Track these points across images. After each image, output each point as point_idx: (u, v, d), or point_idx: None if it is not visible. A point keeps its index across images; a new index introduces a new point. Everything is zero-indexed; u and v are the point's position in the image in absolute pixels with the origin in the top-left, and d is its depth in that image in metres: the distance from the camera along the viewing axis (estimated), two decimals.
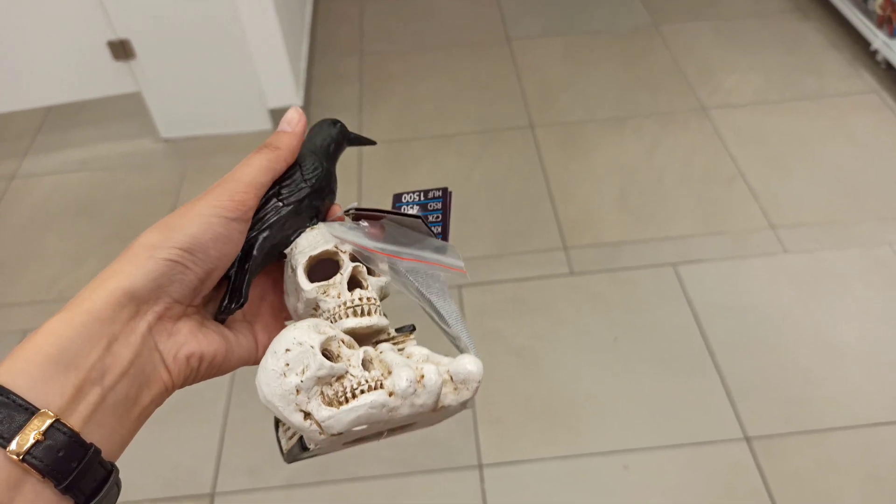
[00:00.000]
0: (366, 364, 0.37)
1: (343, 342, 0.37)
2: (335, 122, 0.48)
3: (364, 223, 0.44)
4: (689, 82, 2.04)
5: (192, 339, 0.36)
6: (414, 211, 0.47)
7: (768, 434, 1.26)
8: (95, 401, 0.32)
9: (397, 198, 0.48)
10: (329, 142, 0.46)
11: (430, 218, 0.47)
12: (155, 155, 1.95)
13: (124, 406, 0.33)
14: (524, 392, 1.35)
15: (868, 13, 2.04)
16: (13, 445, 0.29)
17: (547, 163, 1.81)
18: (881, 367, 1.34)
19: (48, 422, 0.30)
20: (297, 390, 0.34)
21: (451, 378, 0.37)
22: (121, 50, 1.80)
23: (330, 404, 0.34)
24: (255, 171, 0.39)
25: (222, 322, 0.40)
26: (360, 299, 0.40)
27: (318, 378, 0.34)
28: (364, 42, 2.31)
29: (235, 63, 1.83)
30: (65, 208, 1.81)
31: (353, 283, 0.41)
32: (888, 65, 1.99)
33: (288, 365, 0.34)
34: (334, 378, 0.35)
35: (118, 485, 0.33)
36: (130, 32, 1.77)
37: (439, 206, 0.47)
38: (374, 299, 0.40)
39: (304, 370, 0.34)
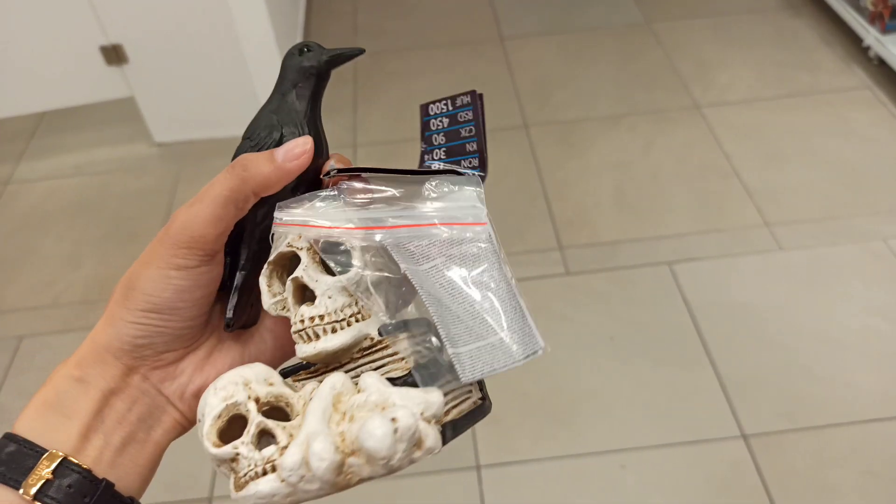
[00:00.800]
0: (264, 436, 0.31)
1: (258, 400, 0.31)
2: (301, 48, 0.37)
3: (348, 184, 0.35)
4: (683, 79, 2.05)
5: (197, 375, 0.35)
6: (445, 124, 0.38)
7: (765, 432, 1.26)
8: (101, 445, 0.32)
9: (424, 110, 0.39)
10: (295, 79, 0.36)
11: (463, 133, 0.38)
12: (149, 159, 1.94)
13: (135, 448, 0.34)
14: (521, 391, 1.35)
15: (860, 9, 2.04)
16: (26, 487, 0.30)
17: (542, 162, 1.81)
18: (878, 362, 1.35)
19: (57, 461, 0.31)
20: (218, 464, 0.31)
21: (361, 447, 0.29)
22: (113, 55, 1.79)
23: (236, 487, 0.30)
24: (213, 208, 0.33)
25: (252, 325, 0.37)
26: (302, 321, 0.33)
27: (216, 461, 0.31)
28: (358, 41, 2.31)
29: (228, 66, 1.83)
30: (60, 213, 1.81)
31: (304, 293, 0.34)
32: (880, 60, 1.99)
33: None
34: (229, 460, 0.30)
35: None
36: (123, 37, 1.77)
37: (470, 115, 0.37)
38: (319, 317, 0.32)
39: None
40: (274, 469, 0.29)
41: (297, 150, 0.34)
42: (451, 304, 0.32)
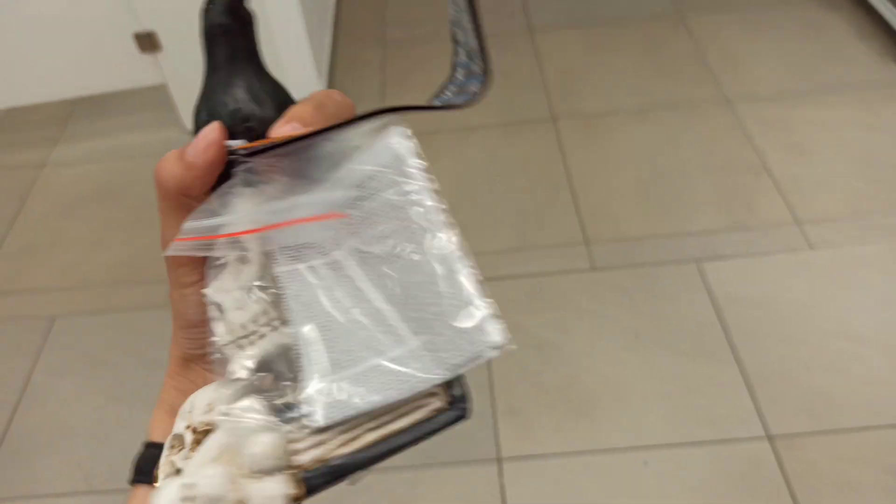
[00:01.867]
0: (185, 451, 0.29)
1: (195, 430, 0.28)
2: (209, 4, 0.30)
3: (251, 167, 0.28)
4: (713, 72, 2.02)
5: None
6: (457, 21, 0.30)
7: (791, 433, 1.25)
8: None
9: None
10: (207, 46, 0.30)
11: (464, 23, 0.31)
12: (180, 146, 1.96)
13: None
14: (544, 385, 1.35)
15: None
16: (156, 478, 0.32)
17: (568, 155, 1.81)
18: None
19: None
20: None
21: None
22: (147, 42, 1.81)
23: None
24: (169, 222, 0.30)
25: None
26: (213, 341, 0.30)
27: None
28: (387, 30, 2.31)
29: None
30: (92, 197, 1.84)
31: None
32: None
33: None
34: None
35: None
36: (156, 24, 1.79)
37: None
38: (240, 326, 0.28)
39: None
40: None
41: (202, 143, 0.29)
42: (347, 310, 0.27)
